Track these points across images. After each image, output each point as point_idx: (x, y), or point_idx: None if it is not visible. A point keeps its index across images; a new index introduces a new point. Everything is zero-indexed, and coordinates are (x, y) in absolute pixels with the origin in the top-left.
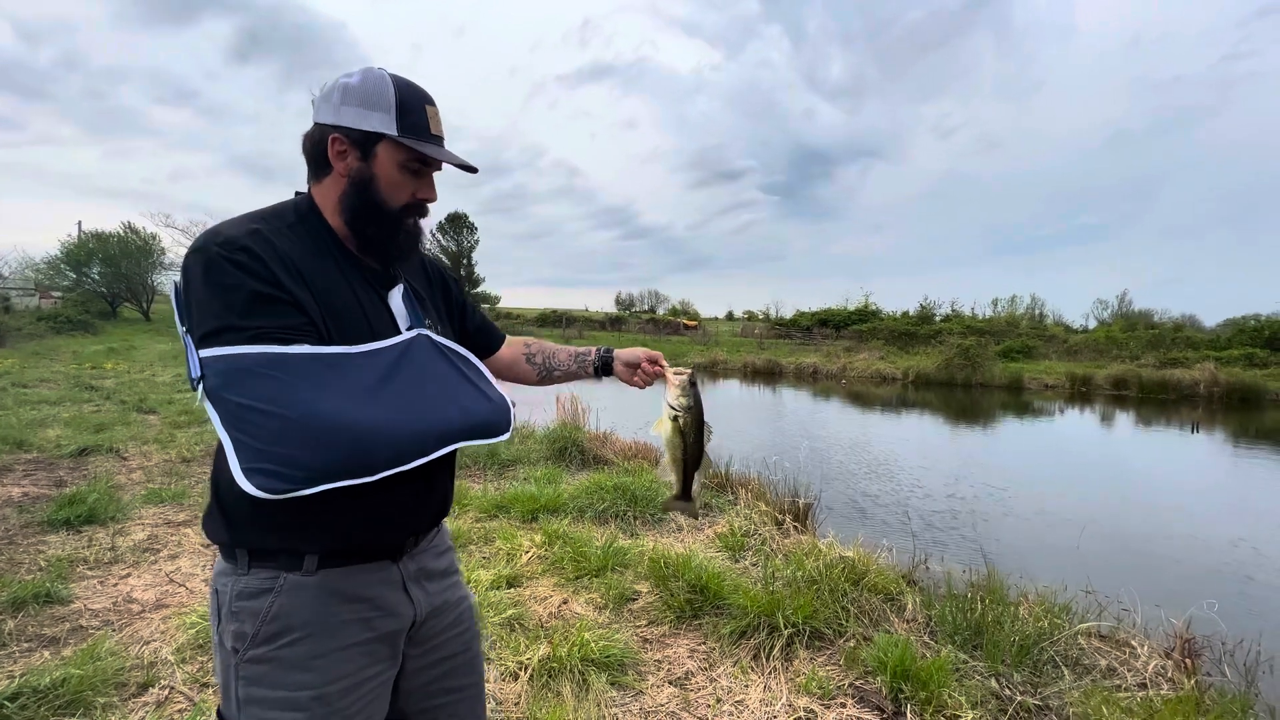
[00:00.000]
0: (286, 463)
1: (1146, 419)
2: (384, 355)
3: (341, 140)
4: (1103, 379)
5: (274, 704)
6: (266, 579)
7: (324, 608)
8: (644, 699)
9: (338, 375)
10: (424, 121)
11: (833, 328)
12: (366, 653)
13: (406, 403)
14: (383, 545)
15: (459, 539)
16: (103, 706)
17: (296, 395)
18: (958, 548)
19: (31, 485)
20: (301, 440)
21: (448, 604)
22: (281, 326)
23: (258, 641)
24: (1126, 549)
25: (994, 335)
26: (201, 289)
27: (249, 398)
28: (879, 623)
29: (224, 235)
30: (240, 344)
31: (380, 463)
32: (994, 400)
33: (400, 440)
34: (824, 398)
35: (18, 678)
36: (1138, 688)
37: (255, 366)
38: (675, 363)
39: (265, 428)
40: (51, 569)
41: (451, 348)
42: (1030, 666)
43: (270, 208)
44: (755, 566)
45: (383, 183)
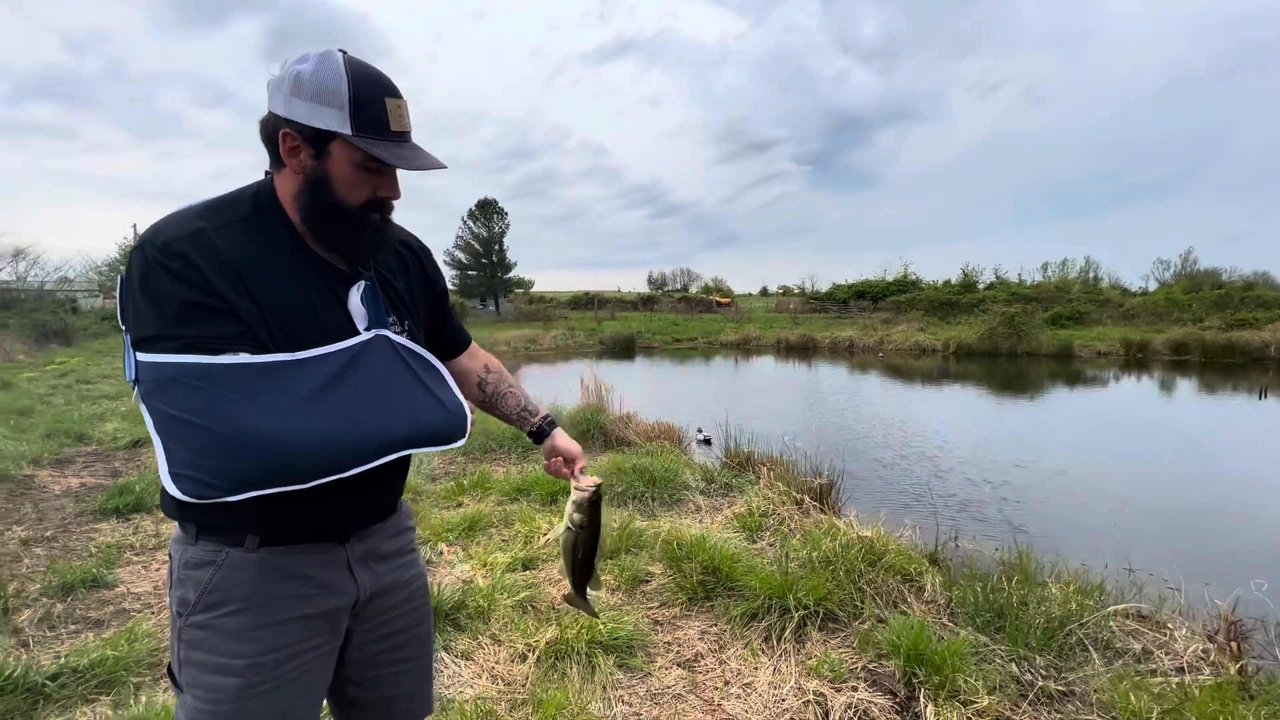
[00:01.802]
0: (211, 473)
1: (1209, 385)
2: (331, 360)
3: (293, 136)
4: (1161, 344)
5: (210, 668)
6: (210, 551)
7: (263, 583)
8: (651, 681)
9: (273, 384)
10: (382, 117)
11: (870, 300)
12: (304, 627)
13: (348, 411)
14: (325, 532)
15: (479, 522)
16: (135, 686)
17: (222, 408)
18: (994, 526)
19: (89, 476)
20: (225, 453)
21: (397, 583)
22: (214, 337)
23: (198, 609)
24: (1179, 524)
25: (1042, 302)
26: (138, 292)
27: (176, 408)
28: (896, 604)
29: (163, 237)
30: (171, 353)
31: (309, 474)
32: (1041, 370)
33: (335, 451)
34: (860, 372)
35: (63, 657)
36: (1174, 672)
37: (184, 377)
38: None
39: (191, 438)
40: (100, 555)
41: (411, 349)
42: (1055, 650)
43: (228, 195)
44: (772, 547)
45: (339, 182)
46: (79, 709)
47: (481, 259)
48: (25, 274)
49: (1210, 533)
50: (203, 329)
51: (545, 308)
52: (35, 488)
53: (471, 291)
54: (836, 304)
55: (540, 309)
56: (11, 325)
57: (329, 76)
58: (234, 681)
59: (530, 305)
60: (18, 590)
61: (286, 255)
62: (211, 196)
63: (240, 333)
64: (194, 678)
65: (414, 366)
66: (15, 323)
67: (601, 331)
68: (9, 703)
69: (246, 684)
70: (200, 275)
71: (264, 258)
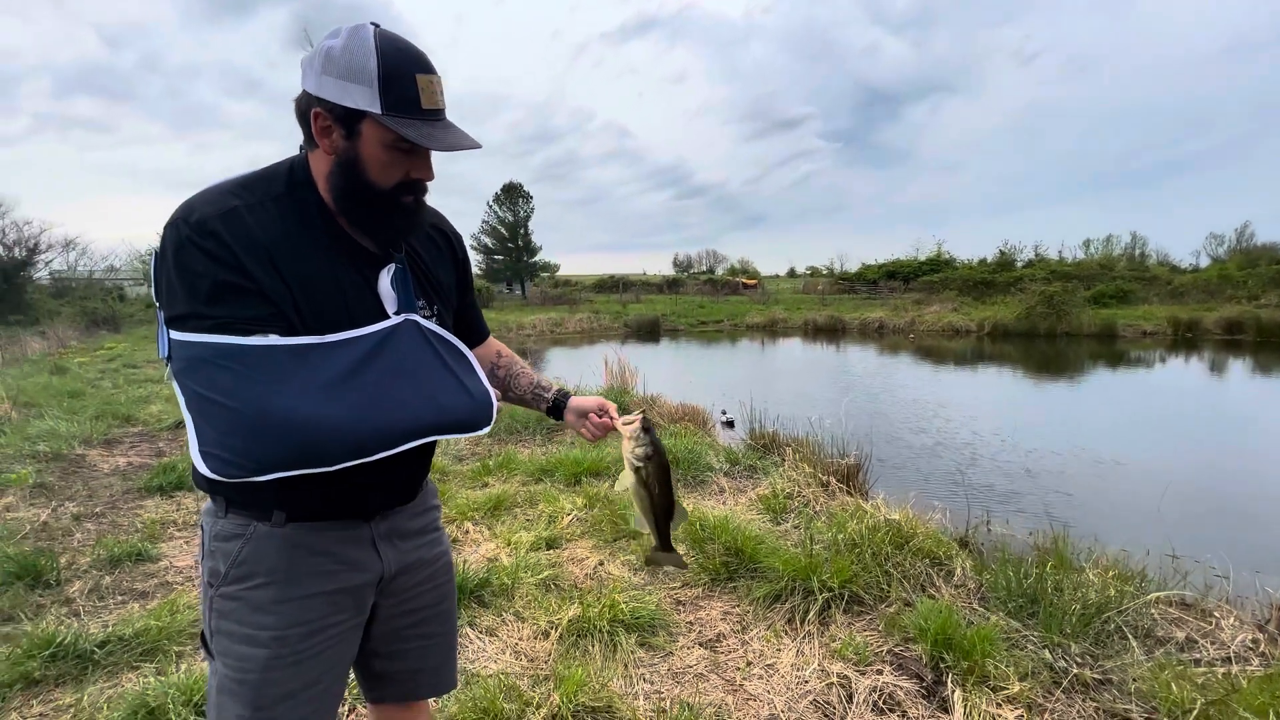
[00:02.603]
0: (238, 453)
1: (1265, 366)
2: (359, 344)
3: (324, 115)
4: (1213, 322)
5: (239, 638)
6: (239, 525)
7: (289, 558)
8: (672, 660)
9: (301, 367)
10: (413, 94)
11: (901, 280)
12: (329, 602)
13: (374, 397)
14: (350, 510)
15: (504, 502)
16: (176, 654)
17: (251, 389)
18: (1028, 510)
19: (136, 455)
20: (252, 435)
21: (422, 561)
22: (245, 317)
23: (227, 580)
24: (1227, 510)
25: (1084, 280)
26: (171, 270)
27: (206, 387)
28: (924, 588)
29: (196, 215)
30: (202, 332)
31: (334, 457)
32: (1081, 351)
33: (360, 436)
34: (890, 354)
35: (110, 626)
36: (1219, 662)
37: (214, 357)
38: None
39: (220, 418)
40: (145, 530)
41: (439, 335)
42: (1092, 637)
43: (263, 171)
44: (796, 529)
45: (370, 164)
46: (124, 675)
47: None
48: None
49: (1262, 519)
50: (234, 309)
51: (570, 291)
52: (86, 466)
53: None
54: (866, 284)
55: (565, 292)
56: (64, 313)
57: (359, 52)
58: (261, 653)
59: (555, 289)
60: (69, 563)
61: (318, 235)
62: (244, 172)
63: (270, 314)
64: (224, 647)
65: (442, 352)
66: (67, 310)
67: (626, 315)
68: (61, 668)
69: (273, 655)
70: (232, 255)
71: (296, 238)
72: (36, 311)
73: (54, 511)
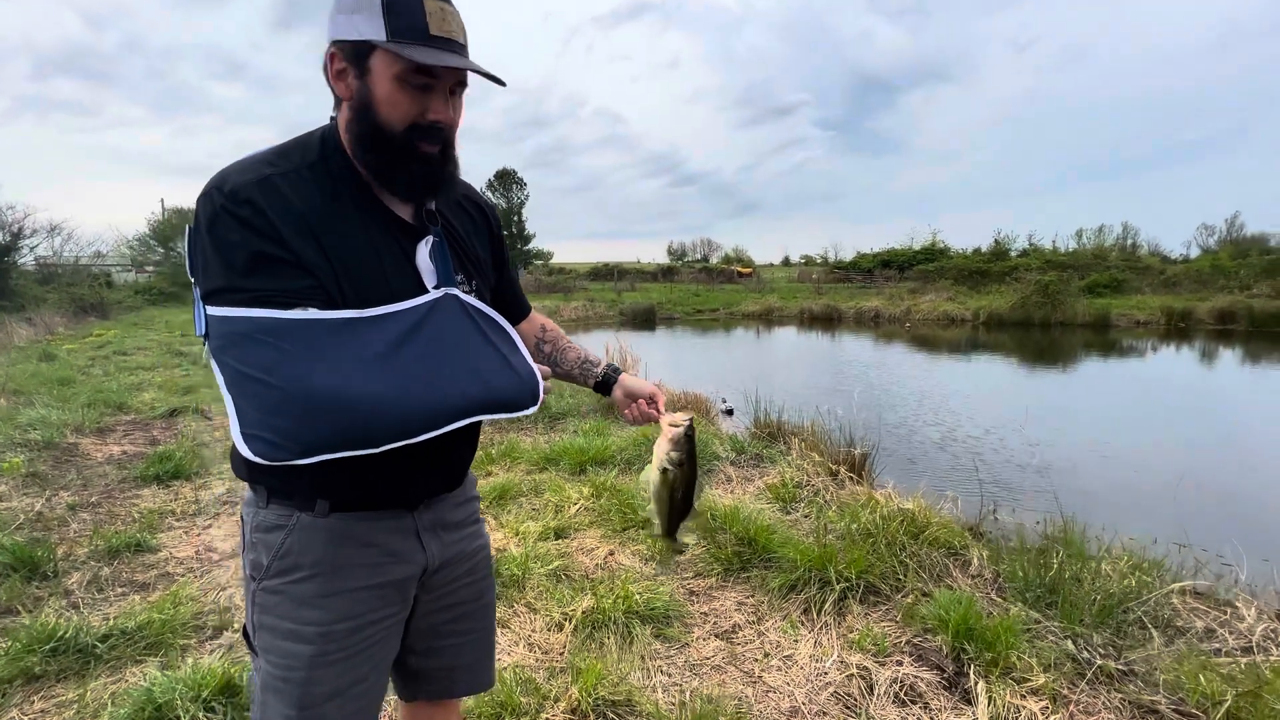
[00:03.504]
0: (282, 434)
1: (1257, 355)
2: (401, 318)
3: (338, 56)
4: (1205, 312)
5: (283, 634)
6: (282, 516)
7: (334, 550)
8: (689, 651)
9: (343, 342)
10: (419, 21)
11: (896, 269)
12: (376, 595)
13: (419, 374)
14: (395, 499)
15: (509, 491)
16: (181, 648)
17: (293, 366)
18: (1031, 498)
19: (129, 444)
20: (297, 414)
21: (463, 554)
22: (284, 290)
23: (271, 574)
24: (1228, 499)
25: (1078, 269)
26: (206, 242)
27: (246, 364)
28: (940, 578)
29: (230, 184)
30: (240, 306)
31: (381, 438)
32: (1076, 340)
33: (407, 415)
34: (886, 342)
35: (111, 619)
36: (1240, 652)
37: (253, 332)
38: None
39: (262, 397)
40: (143, 520)
41: (481, 310)
42: (1113, 628)
43: (296, 140)
44: (807, 519)
45: (381, 102)
46: (128, 670)
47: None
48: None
49: (1264, 508)
50: (273, 282)
51: (565, 279)
52: (79, 455)
53: None
54: (861, 273)
55: (560, 280)
56: (51, 299)
57: None
58: (307, 649)
59: (550, 276)
60: (67, 554)
61: (353, 205)
62: (279, 143)
63: (309, 287)
64: (268, 642)
65: (484, 328)
66: (54, 297)
67: (622, 302)
68: (63, 662)
69: (319, 651)
70: (269, 225)
71: (332, 207)
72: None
73: (48, 501)
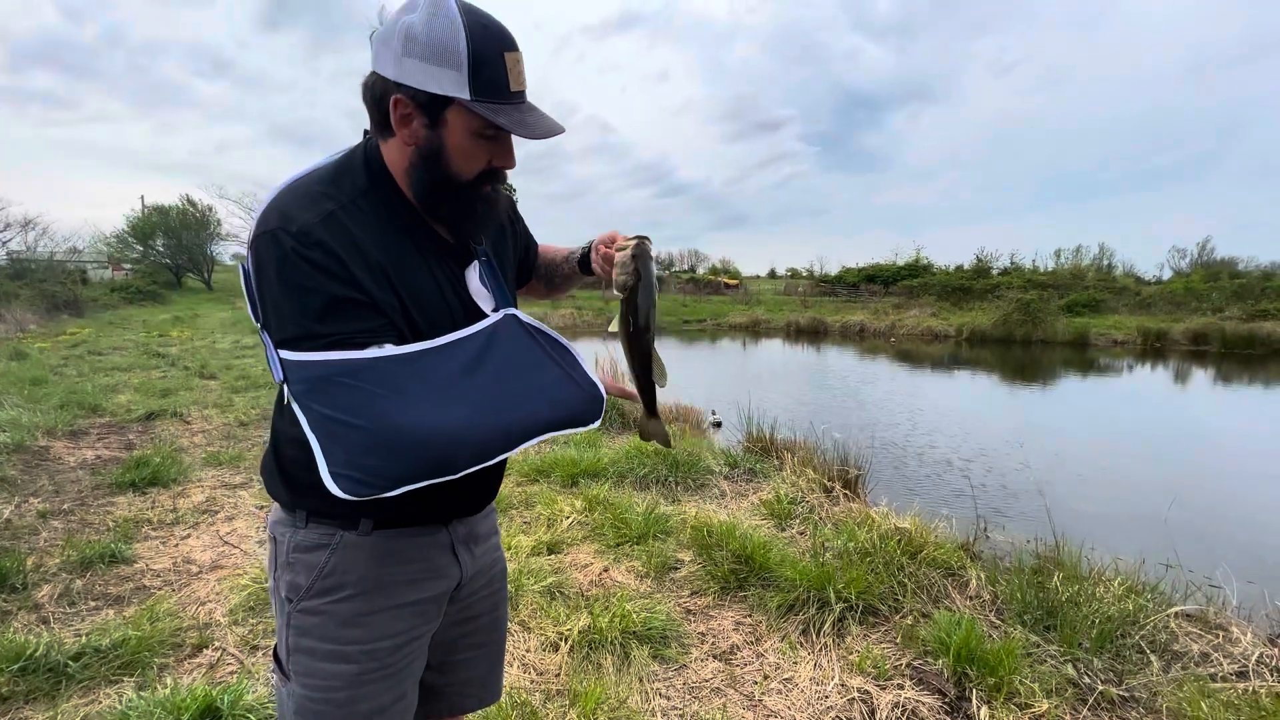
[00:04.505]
0: (372, 472)
1: (1229, 376)
2: (469, 344)
3: (405, 103)
4: (1180, 333)
5: (323, 655)
6: (324, 535)
7: (377, 568)
8: (687, 673)
9: (419, 375)
10: (502, 78)
11: (881, 284)
12: (416, 612)
13: (491, 398)
14: (435, 515)
15: (500, 504)
16: (159, 667)
17: (377, 405)
18: (1020, 516)
19: (104, 448)
20: (386, 453)
21: (485, 565)
22: (360, 331)
23: (311, 594)
24: (1208, 519)
25: (1057, 289)
26: (275, 286)
27: (331, 408)
28: (939, 599)
29: (298, 224)
30: (319, 350)
31: (463, 464)
32: (1056, 357)
33: (485, 440)
34: (871, 356)
35: (84, 635)
36: (1235, 677)
37: (335, 375)
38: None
39: (350, 440)
40: (118, 530)
41: (540, 329)
42: (1112, 652)
43: (338, 165)
44: (803, 536)
45: (455, 154)
46: (102, 690)
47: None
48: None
49: (1243, 527)
50: (349, 325)
51: None
52: (50, 459)
53: None
54: (847, 287)
55: None
56: (23, 295)
57: (445, 30)
58: (350, 669)
59: None
60: (37, 564)
61: (406, 234)
62: (318, 166)
63: (382, 325)
64: (305, 665)
65: (544, 346)
66: (26, 293)
67: (609, 311)
68: (32, 682)
69: (362, 670)
70: (342, 267)
71: (392, 239)
72: None
73: (18, 508)
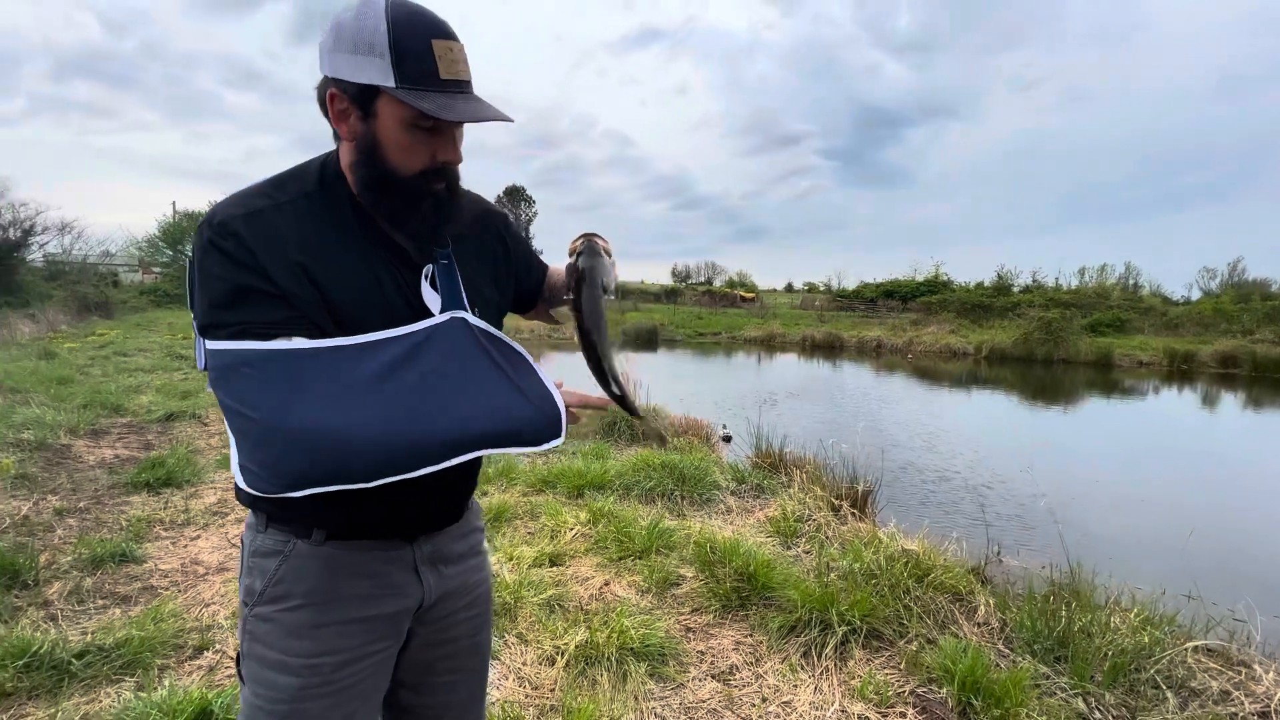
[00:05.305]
0: (266, 467)
1: (1260, 401)
2: (394, 345)
3: (340, 97)
4: (1208, 356)
5: (270, 664)
6: (279, 541)
7: (328, 580)
8: (684, 693)
9: (326, 372)
10: (430, 66)
11: (899, 299)
12: (366, 628)
13: (410, 404)
14: (393, 529)
15: (505, 513)
16: (159, 668)
17: (270, 398)
18: (1035, 541)
19: (123, 448)
20: (276, 448)
21: (463, 587)
22: (266, 321)
23: (263, 600)
24: (1232, 549)
25: (1081, 307)
26: (196, 275)
27: (231, 397)
28: (945, 625)
29: (220, 217)
30: (224, 339)
31: (360, 473)
32: (1079, 378)
33: (391, 449)
34: (888, 373)
35: (89, 634)
36: (1257, 718)
37: (236, 364)
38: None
39: (246, 431)
40: (130, 529)
41: (490, 333)
42: (1125, 687)
43: (296, 169)
44: (808, 555)
45: (390, 147)
46: (102, 689)
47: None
48: (70, 247)
49: (1274, 559)
50: (253, 314)
51: None
52: (71, 457)
53: None
54: (864, 303)
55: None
56: (56, 296)
57: (370, 20)
58: (293, 681)
59: None
60: (49, 561)
61: (352, 234)
62: (281, 170)
63: (291, 318)
64: (254, 672)
65: (493, 352)
66: (59, 294)
67: (625, 322)
68: (35, 679)
69: (304, 685)
70: (252, 257)
71: (328, 237)
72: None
73: (35, 505)
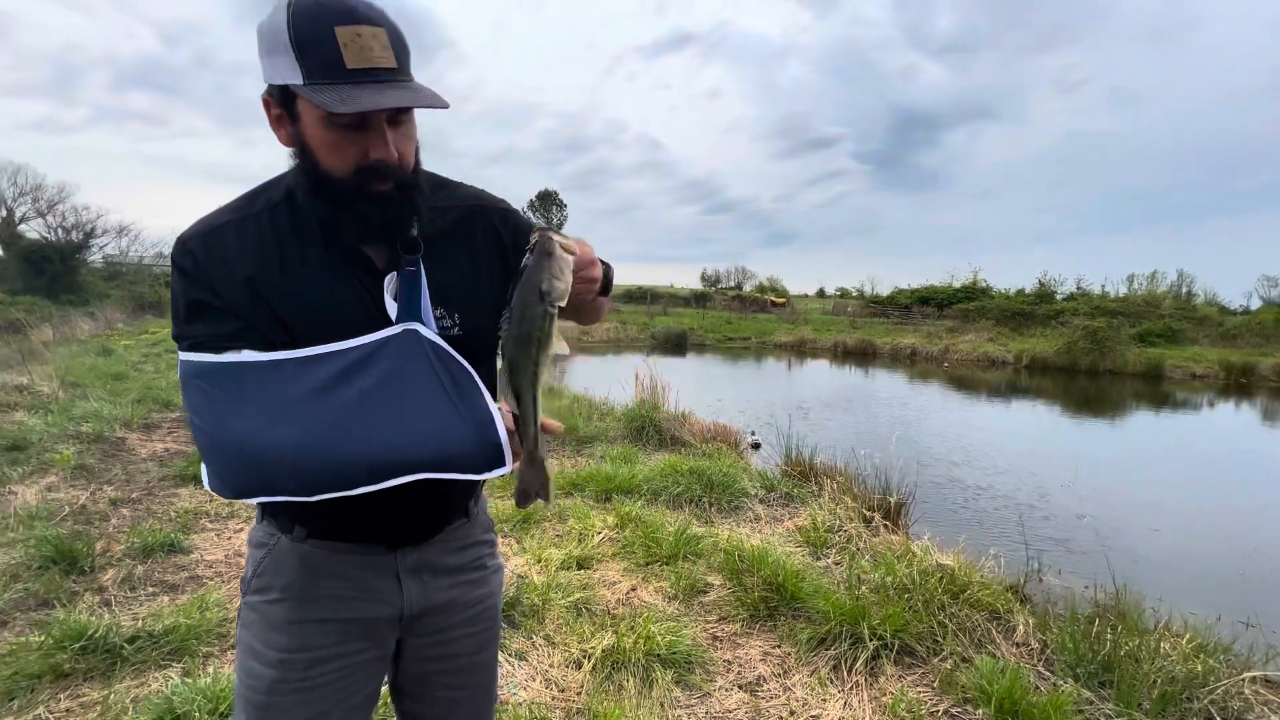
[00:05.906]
0: (215, 475)
1: None
2: (337, 359)
3: (270, 103)
4: (1269, 368)
5: (252, 653)
6: (267, 534)
7: (304, 576)
8: (710, 701)
9: (264, 385)
10: (333, 55)
11: (935, 306)
12: (339, 630)
13: (340, 421)
14: (372, 536)
15: (533, 515)
16: (204, 655)
17: (215, 409)
18: (1079, 560)
19: (173, 442)
20: (216, 457)
21: (459, 602)
22: (216, 335)
23: (250, 590)
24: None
25: (1129, 316)
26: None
27: (187, 406)
28: (982, 644)
29: (183, 235)
30: (183, 351)
31: (285, 488)
32: (1126, 390)
33: (308, 467)
34: (922, 381)
35: (140, 620)
36: None
37: (190, 375)
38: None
39: (197, 439)
40: (178, 520)
41: (440, 348)
42: (1176, 717)
43: (273, 179)
44: (838, 566)
45: (316, 147)
46: (151, 674)
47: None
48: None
49: None
50: (205, 328)
51: None
52: (125, 450)
53: None
54: (898, 309)
55: None
56: (113, 296)
57: (278, 16)
58: (268, 673)
59: None
60: (104, 549)
61: (313, 244)
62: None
63: (239, 330)
64: (241, 659)
65: (441, 371)
66: (116, 294)
67: (653, 326)
68: (90, 662)
69: (278, 678)
70: (204, 273)
71: (286, 248)
72: (88, 293)
73: (92, 495)
